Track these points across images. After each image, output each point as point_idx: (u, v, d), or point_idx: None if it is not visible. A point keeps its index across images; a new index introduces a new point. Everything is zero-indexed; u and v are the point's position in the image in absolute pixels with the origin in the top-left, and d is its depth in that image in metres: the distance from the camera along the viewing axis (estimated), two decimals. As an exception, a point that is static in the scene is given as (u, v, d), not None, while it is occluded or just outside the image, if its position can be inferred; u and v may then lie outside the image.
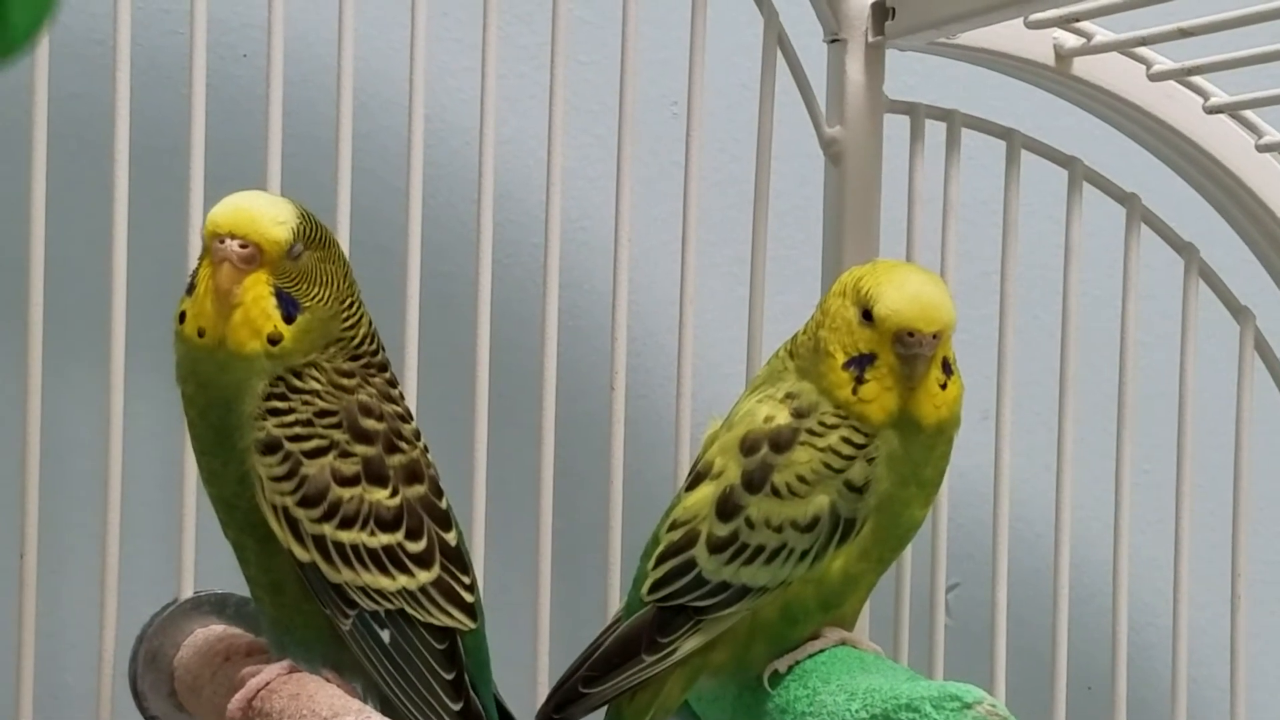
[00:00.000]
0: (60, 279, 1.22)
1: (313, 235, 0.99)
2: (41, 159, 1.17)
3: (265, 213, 0.98)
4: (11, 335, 1.20)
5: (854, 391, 1.00)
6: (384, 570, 0.99)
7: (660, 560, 1.03)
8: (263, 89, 1.20)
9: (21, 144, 1.17)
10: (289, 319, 0.98)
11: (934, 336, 0.99)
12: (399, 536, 1.00)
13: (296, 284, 0.99)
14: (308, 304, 0.99)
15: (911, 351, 0.99)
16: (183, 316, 0.99)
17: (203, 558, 1.18)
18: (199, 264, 1.00)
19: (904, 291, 0.99)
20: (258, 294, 0.98)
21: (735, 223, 1.42)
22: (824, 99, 1.28)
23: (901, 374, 0.99)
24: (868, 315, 1.00)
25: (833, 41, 1.27)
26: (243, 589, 1.05)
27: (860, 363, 1.00)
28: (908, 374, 0.99)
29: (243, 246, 0.97)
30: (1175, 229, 1.35)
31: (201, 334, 0.98)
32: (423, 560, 1.00)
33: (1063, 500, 1.33)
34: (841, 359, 1.00)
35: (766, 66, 1.27)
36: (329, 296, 1.00)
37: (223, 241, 0.97)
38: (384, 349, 1.03)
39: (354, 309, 1.01)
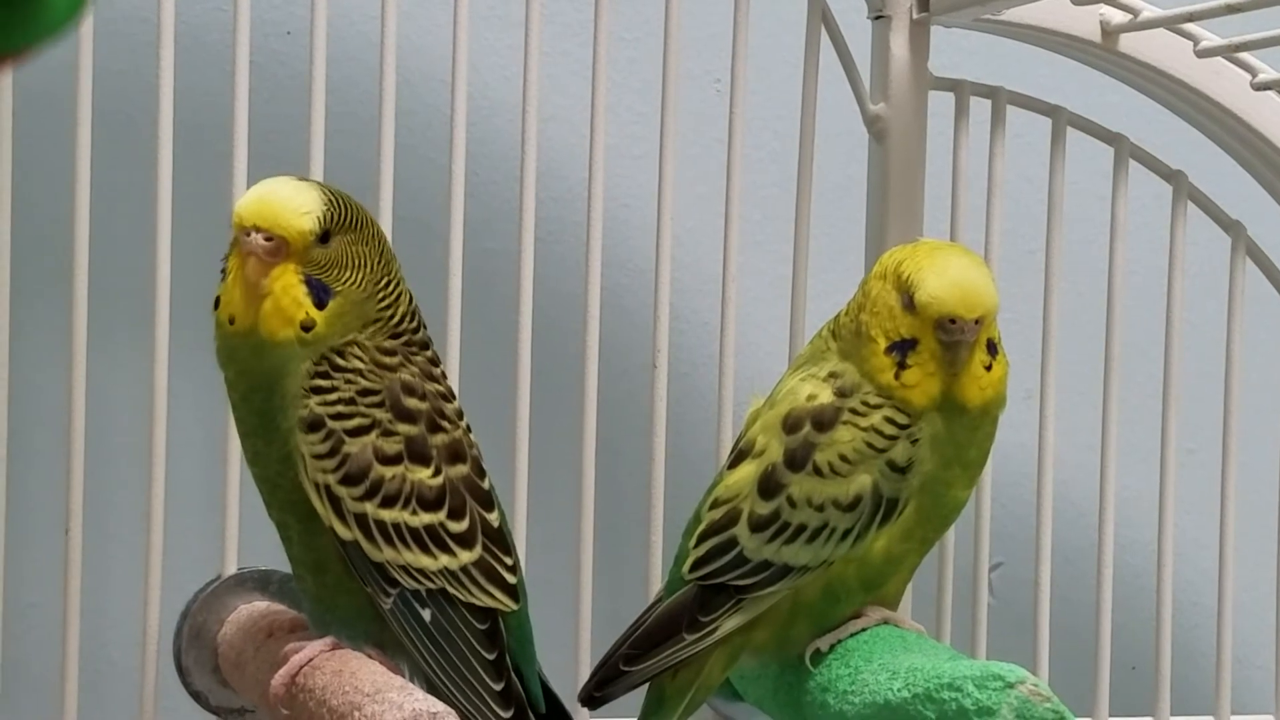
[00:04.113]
0: (104, 257, 1.22)
1: (342, 219, 0.99)
2: (86, 136, 1.17)
3: (289, 204, 0.97)
4: (56, 313, 1.20)
5: (896, 376, 0.99)
6: (425, 549, 0.99)
7: (702, 539, 1.03)
8: (306, 66, 1.20)
9: (66, 121, 1.18)
10: (320, 305, 0.98)
11: (976, 322, 0.98)
12: (441, 516, 1.00)
13: (327, 270, 0.98)
14: (339, 288, 0.98)
15: (954, 338, 0.98)
16: (218, 302, 0.99)
17: (246, 534, 1.18)
18: (230, 251, 1.00)
19: (945, 278, 0.98)
20: (287, 283, 0.97)
21: (778, 200, 1.41)
22: (868, 76, 1.27)
23: (944, 360, 0.99)
24: (909, 301, 0.99)
25: (877, 18, 1.27)
26: (286, 566, 1.05)
27: (902, 348, 0.99)
28: (950, 360, 0.98)
29: (268, 239, 0.97)
30: (1222, 206, 1.34)
31: (232, 321, 0.98)
32: (465, 540, 1.00)
33: (1107, 479, 1.32)
34: (883, 344, 1.00)
35: (810, 43, 1.27)
36: (362, 279, 0.99)
37: (249, 234, 0.97)
38: (425, 327, 1.03)
39: (390, 288, 1.01)
